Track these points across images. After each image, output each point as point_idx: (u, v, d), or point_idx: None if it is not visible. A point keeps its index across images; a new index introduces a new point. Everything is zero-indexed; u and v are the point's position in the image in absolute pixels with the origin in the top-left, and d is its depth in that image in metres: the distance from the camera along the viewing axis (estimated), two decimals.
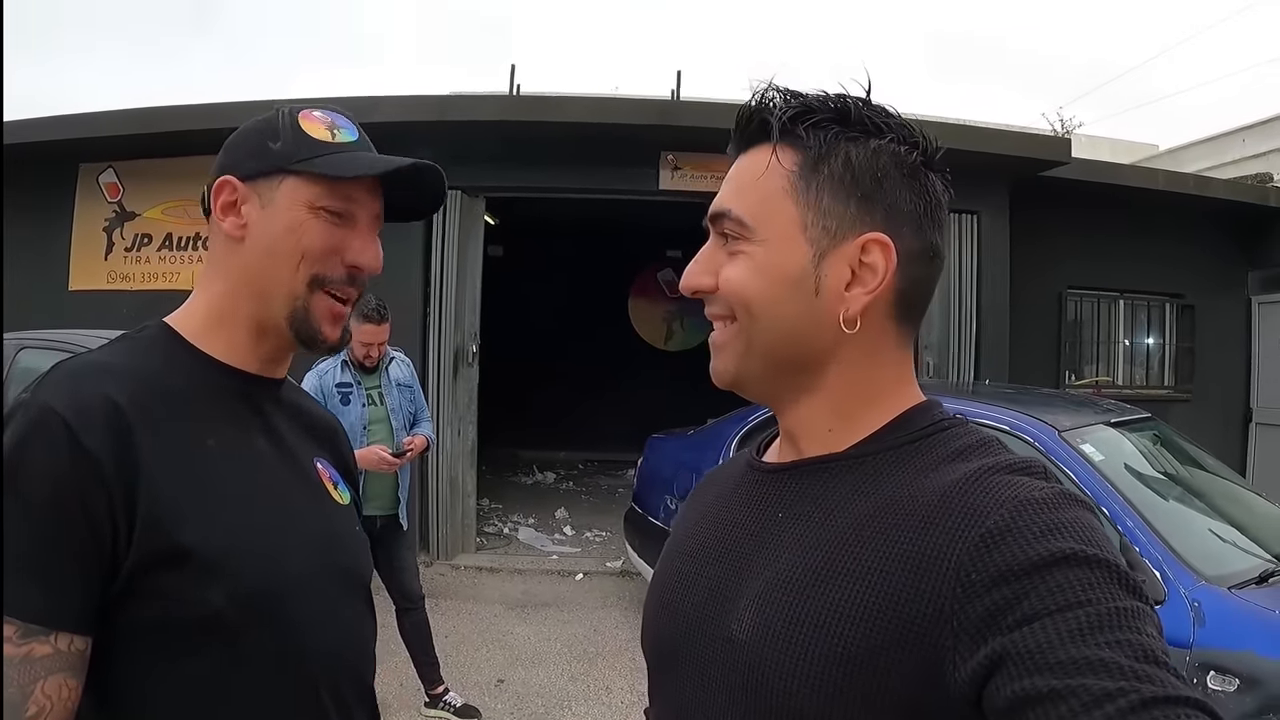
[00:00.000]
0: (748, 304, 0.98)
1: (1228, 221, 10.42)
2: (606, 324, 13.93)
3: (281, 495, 1.28)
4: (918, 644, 0.80)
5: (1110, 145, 18.23)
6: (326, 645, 1.25)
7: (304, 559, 1.25)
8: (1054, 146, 9.12)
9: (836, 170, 0.96)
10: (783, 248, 0.97)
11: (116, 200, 8.91)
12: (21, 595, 1.01)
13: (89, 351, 1.24)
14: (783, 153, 0.98)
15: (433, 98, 8.43)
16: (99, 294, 8.76)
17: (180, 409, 1.18)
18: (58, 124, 8.57)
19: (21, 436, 1.06)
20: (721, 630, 0.95)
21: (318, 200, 1.24)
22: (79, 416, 1.06)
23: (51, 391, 1.10)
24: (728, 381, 1.04)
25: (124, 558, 1.06)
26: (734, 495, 1.09)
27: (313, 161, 1.24)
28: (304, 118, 1.28)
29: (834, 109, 0.98)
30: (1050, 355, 9.96)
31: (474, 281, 8.37)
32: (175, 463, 1.13)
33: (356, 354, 4.66)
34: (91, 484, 1.04)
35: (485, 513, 9.81)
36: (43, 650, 1.01)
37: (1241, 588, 3.41)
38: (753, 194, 1.00)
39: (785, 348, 0.99)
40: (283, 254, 1.24)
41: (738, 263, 0.99)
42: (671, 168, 8.16)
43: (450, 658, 5.59)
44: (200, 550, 1.10)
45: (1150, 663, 0.69)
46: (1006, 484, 0.84)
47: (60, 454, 1.04)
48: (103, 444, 1.06)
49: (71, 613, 1.04)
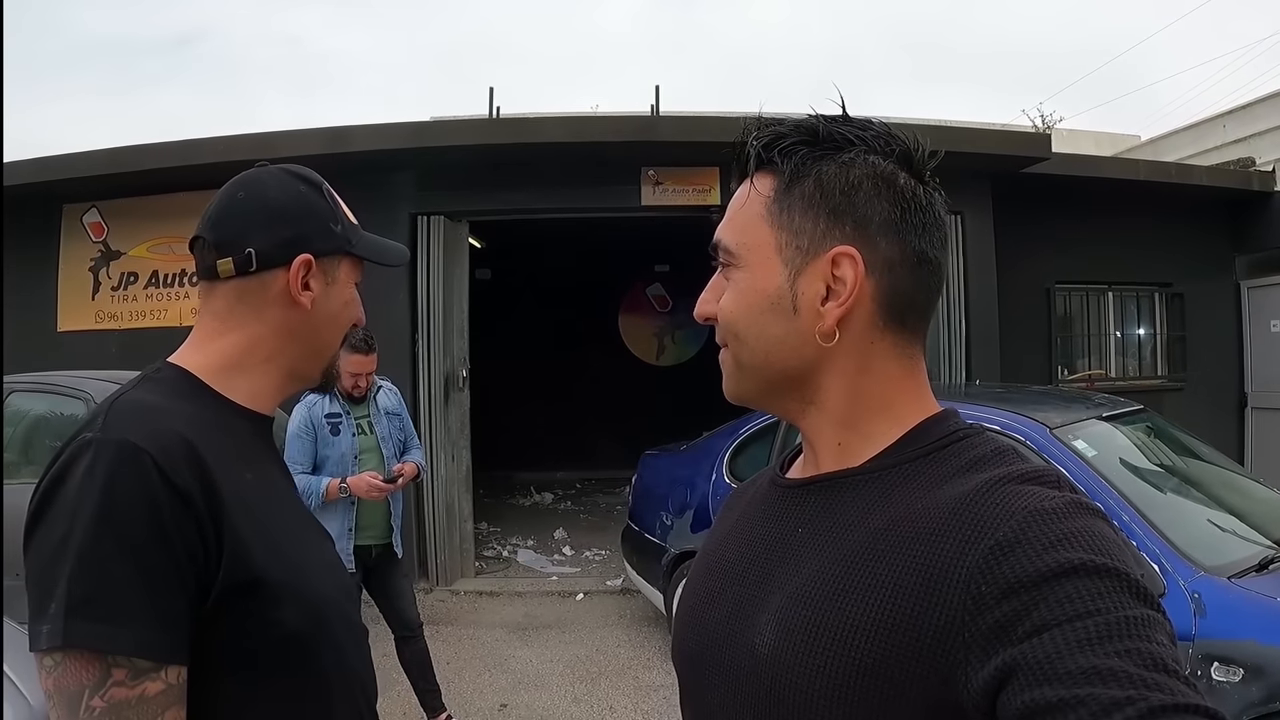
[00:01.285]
0: (734, 328, 1.03)
1: (1212, 208, 10.46)
2: (598, 341, 13.95)
3: (299, 525, 1.40)
4: (931, 656, 0.80)
5: (1092, 138, 18.33)
6: (359, 658, 1.38)
7: (329, 581, 1.36)
8: (1034, 143, 9.14)
9: (808, 189, 0.99)
10: (760, 271, 1.00)
11: (101, 239, 8.92)
12: (132, 634, 1.04)
13: (126, 391, 1.26)
14: (759, 180, 1.02)
15: (413, 124, 8.44)
16: (88, 334, 8.78)
17: (224, 447, 1.24)
18: (39, 166, 8.57)
19: (111, 473, 1.07)
20: (745, 643, 0.97)
21: (358, 276, 1.46)
22: (164, 454, 1.10)
23: (128, 429, 1.13)
24: (733, 399, 1.10)
25: (213, 588, 1.12)
26: (757, 512, 1.12)
27: (359, 245, 1.44)
28: (338, 201, 1.45)
29: (803, 131, 1.00)
30: (1042, 351, 9.96)
31: (461, 306, 8.36)
32: (240, 497, 1.19)
33: (345, 384, 4.64)
34: (185, 518, 1.09)
35: (484, 536, 9.80)
36: (156, 688, 1.05)
37: (1242, 576, 3.40)
38: (737, 223, 1.04)
39: (772, 366, 1.02)
40: (342, 323, 1.44)
41: (728, 289, 1.04)
42: (653, 183, 8.16)
43: (452, 684, 5.58)
44: (271, 578, 1.18)
45: (1160, 671, 0.69)
46: (1017, 494, 0.85)
47: (155, 490, 1.08)
48: (190, 480, 1.11)
49: (177, 646, 1.08)
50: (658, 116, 10.82)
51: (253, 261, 1.33)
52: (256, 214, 1.35)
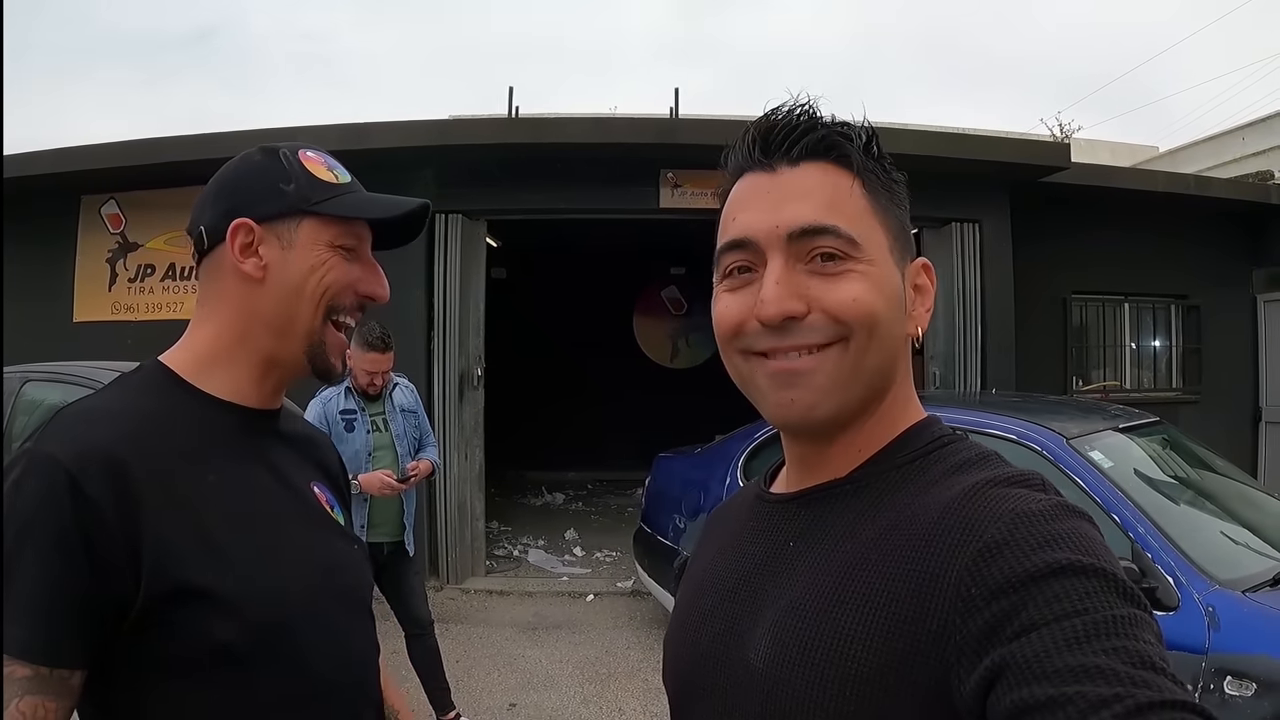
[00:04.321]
0: (874, 320, 0.95)
1: (1230, 221, 10.40)
2: (612, 343, 13.96)
3: (282, 524, 1.31)
4: (925, 662, 0.80)
5: (1110, 149, 18.26)
6: (335, 666, 1.29)
7: (308, 584, 1.28)
8: (1053, 152, 9.11)
9: (898, 196, 1.02)
10: (886, 267, 0.98)
11: (119, 231, 8.96)
12: (12, 633, 1.05)
13: (89, 396, 1.27)
14: (832, 173, 0.98)
15: (433, 122, 8.45)
16: (104, 325, 8.81)
17: (179, 449, 1.21)
18: (58, 157, 8.62)
19: (24, 485, 1.09)
20: (740, 659, 0.96)
21: (337, 239, 1.31)
22: (79, 464, 1.09)
23: (52, 441, 1.13)
24: (827, 415, 0.97)
25: (133, 598, 1.10)
26: (746, 527, 1.11)
27: (330, 203, 1.30)
28: (307, 160, 1.33)
29: (865, 135, 1.01)
30: (1057, 362, 9.92)
31: (477, 305, 8.38)
32: (176, 503, 1.15)
33: (360, 382, 4.67)
34: (95, 530, 1.07)
35: (495, 535, 9.81)
36: (22, 672, 1.06)
37: (1256, 590, 3.39)
38: (849, 211, 0.97)
39: (887, 365, 0.99)
40: (308, 292, 1.30)
41: (853, 281, 0.95)
42: (671, 185, 8.16)
43: (462, 682, 5.59)
44: (205, 587, 1.13)
45: (1147, 668, 0.69)
46: (1003, 497, 0.85)
47: (63, 502, 1.07)
48: (103, 492, 1.09)
49: (58, 650, 1.08)
50: (677, 119, 10.82)
51: (204, 239, 1.31)
52: (209, 192, 1.33)
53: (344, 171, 1.37)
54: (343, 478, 1.60)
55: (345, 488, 1.59)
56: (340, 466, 1.61)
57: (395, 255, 1.43)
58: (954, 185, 7.96)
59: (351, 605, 1.39)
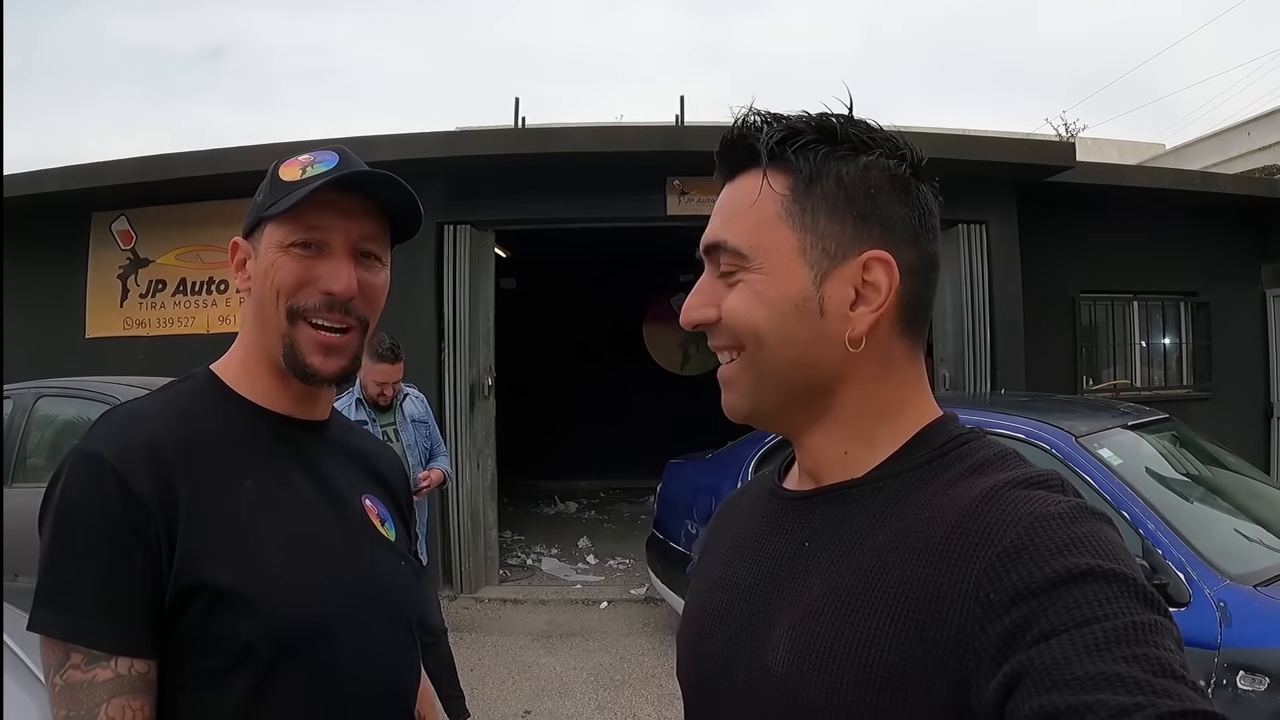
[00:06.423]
0: (755, 332, 0.97)
1: (1237, 216, 10.38)
2: (622, 351, 13.93)
3: (318, 533, 1.32)
4: (945, 667, 0.80)
5: (1116, 147, 18.20)
6: (364, 676, 1.30)
7: (341, 594, 1.29)
8: (1058, 151, 9.10)
9: (829, 190, 0.96)
10: (783, 274, 0.96)
11: (130, 247, 9.01)
12: (82, 625, 1.11)
13: (135, 399, 1.34)
14: (773, 178, 0.97)
15: (440, 134, 8.50)
16: (116, 340, 8.86)
17: (218, 452, 1.26)
18: (69, 174, 8.69)
19: (74, 481, 1.16)
20: (758, 662, 0.95)
21: (286, 239, 1.30)
22: (124, 462, 1.15)
23: (99, 439, 1.20)
24: (742, 415, 1.05)
25: (166, 592, 1.15)
26: (760, 524, 1.09)
27: (278, 204, 1.30)
28: (284, 165, 1.36)
29: (819, 129, 0.97)
30: (1066, 361, 9.90)
31: (487, 314, 8.41)
32: (211, 504, 1.20)
33: (370, 392, 4.69)
34: (143, 522, 1.14)
35: (508, 545, 9.80)
36: (104, 675, 1.11)
37: (1267, 585, 3.39)
38: (747, 222, 0.99)
39: (796, 373, 0.98)
40: (268, 297, 1.31)
41: (739, 292, 0.98)
42: (678, 193, 8.18)
43: (476, 690, 5.58)
44: (230, 587, 1.17)
45: (1168, 676, 0.68)
46: (1022, 499, 0.84)
47: (111, 497, 1.13)
48: (147, 487, 1.15)
49: (131, 639, 1.13)
50: (683, 126, 10.83)
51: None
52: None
53: (328, 162, 1.33)
54: (405, 494, 1.59)
55: (406, 504, 1.59)
56: (404, 483, 1.61)
57: (405, 267, 1.44)
58: (960, 186, 7.92)
59: (390, 618, 1.38)
